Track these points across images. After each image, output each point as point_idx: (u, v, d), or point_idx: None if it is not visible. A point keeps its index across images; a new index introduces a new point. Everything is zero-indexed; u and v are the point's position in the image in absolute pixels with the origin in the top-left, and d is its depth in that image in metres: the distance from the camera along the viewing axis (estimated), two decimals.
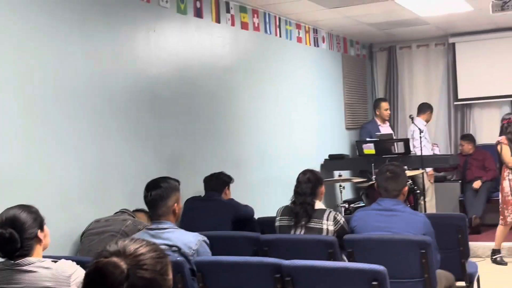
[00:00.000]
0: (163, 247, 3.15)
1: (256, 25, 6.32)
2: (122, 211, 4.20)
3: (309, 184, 4.06)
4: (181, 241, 3.22)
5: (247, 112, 6.17)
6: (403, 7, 6.68)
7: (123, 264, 1.45)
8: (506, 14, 5.97)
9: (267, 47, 6.56)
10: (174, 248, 3.21)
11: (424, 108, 8.30)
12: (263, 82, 6.46)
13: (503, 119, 6.63)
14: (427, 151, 7.64)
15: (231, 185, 5.16)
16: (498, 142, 6.52)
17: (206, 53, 5.58)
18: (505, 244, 6.80)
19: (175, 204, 3.32)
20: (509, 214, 6.41)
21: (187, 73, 5.29)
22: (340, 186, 6.73)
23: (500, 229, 6.56)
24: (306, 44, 7.40)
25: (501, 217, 6.51)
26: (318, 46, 7.70)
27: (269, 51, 6.60)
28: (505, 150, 6.42)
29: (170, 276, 1.56)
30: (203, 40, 5.53)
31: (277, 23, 6.74)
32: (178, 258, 3.13)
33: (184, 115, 5.23)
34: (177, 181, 3.41)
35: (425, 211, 7.24)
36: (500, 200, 6.55)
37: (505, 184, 6.45)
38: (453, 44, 8.80)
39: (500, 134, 6.57)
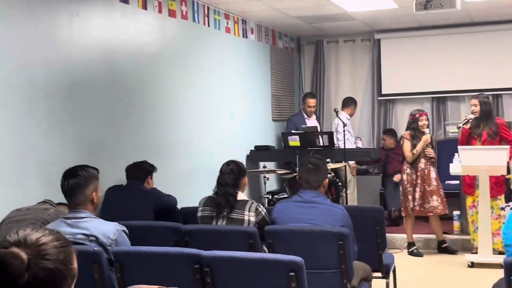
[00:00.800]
0: (80, 236, 3.11)
1: (184, 13, 6.26)
2: (45, 201, 4.09)
3: (232, 175, 4.06)
4: (99, 231, 3.16)
5: (172, 100, 6.11)
6: (331, 2, 6.77)
7: (23, 255, 1.41)
8: (429, 12, 6.13)
9: (194, 36, 6.51)
10: (91, 238, 3.14)
11: (348, 102, 8.45)
12: (190, 71, 6.41)
13: (410, 115, 6.84)
14: (350, 145, 7.80)
15: (155, 175, 5.11)
16: (402, 137, 6.78)
17: (131, 40, 5.48)
18: (421, 236, 7.04)
19: (94, 193, 3.25)
20: (408, 204, 6.63)
21: (111, 60, 5.18)
22: (265, 177, 6.77)
23: (405, 222, 6.80)
24: (234, 34, 7.39)
25: (402, 209, 6.74)
26: (246, 37, 7.70)
27: (196, 40, 6.55)
28: (405, 145, 6.67)
29: (75, 265, 1.52)
30: (129, 26, 5.43)
31: (206, 12, 6.69)
32: (95, 248, 3.08)
33: (107, 102, 5.13)
34: (96, 169, 3.34)
35: (346, 203, 7.38)
36: (400, 193, 6.77)
37: (404, 177, 6.69)
38: (379, 40, 9.00)
39: (406, 129, 6.80)
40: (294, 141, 7.41)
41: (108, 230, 3.19)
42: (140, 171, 4.97)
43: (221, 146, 6.93)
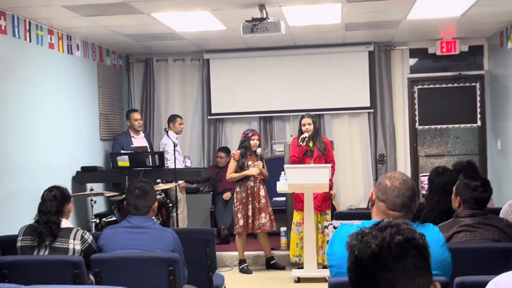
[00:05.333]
0: None
1: (2, 27, 5.86)
2: None
3: (55, 202, 3.84)
4: None
5: None
6: (159, 21, 6.72)
7: None
8: (255, 36, 6.30)
9: (15, 52, 6.12)
10: None
11: (172, 119, 8.33)
12: (9, 89, 6.00)
13: (243, 133, 6.97)
14: (179, 164, 7.76)
15: None
16: (230, 156, 6.91)
17: None
18: (251, 253, 7.18)
19: None
20: (238, 222, 6.76)
21: None
22: (92, 200, 6.51)
23: (237, 240, 6.91)
24: (59, 51, 7.07)
25: (235, 227, 6.86)
26: (72, 53, 7.40)
27: (17, 56, 6.17)
28: (231, 164, 6.81)
29: None
30: None
31: (27, 27, 6.33)
32: None
33: None
34: None
35: (177, 223, 7.33)
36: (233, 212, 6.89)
37: (234, 196, 6.84)
38: (208, 60, 9.09)
39: (238, 148, 6.93)
40: (123, 161, 7.24)
41: None
42: None
43: (45, 167, 6.57)
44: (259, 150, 6.84)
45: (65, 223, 3.88)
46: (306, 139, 6.60)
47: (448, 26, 7.79)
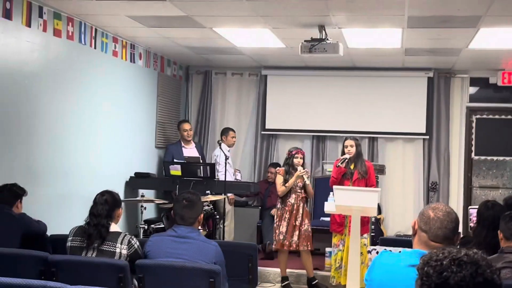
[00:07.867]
0: None
1: (70, 33, 6.10)
2: None
3: (106, 206, 3.96)
4: None
5: (50, 122, 5.89)
6: (220, 36, 6.85)
7: None
8: (313, 56, 6.34)
9: (80, 58, 6.35)
10: None
11: (224, 132, 8.47)
12: (72, 93, 6.23)
13: (288, 151, 6.94)
14: (229, 177, 7.84)
15: (24, 199, 4.88)
16: (276, 172, 6.91)
17: (11, 58, 5.25)
18: (294, 271, 7.16)
19: None
20: (277, 238, 6.69)
21: None
22: (142, 206, 6.66)
23: (279, 256, 6.85)
24: (122, 58, 7.29)
25: (274, 242, 6.82)
26: (134, 62, 7.62)
27: (81, 61, 6.40)
28: (278, 179, 6.76)
29: None
30: (9, 43, 5.21)
31: (93, 34, 6.56)
32: None
33: None
34: None
35: (223, 235, 7.40)
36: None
37: (275, 211, 6.81)
38: (265, 76, 9.19)
39: (283, 165, 6.92)
40: (176, 170, 7.38)
41: None
42: (9, 194, 4.72)
43: (100, 171, 6.76)
44: (300, 169, 6.75)
45: (114, 227, 3.99)
46: (346, 160, 6.54)
47: (510, 57, 7.66)
